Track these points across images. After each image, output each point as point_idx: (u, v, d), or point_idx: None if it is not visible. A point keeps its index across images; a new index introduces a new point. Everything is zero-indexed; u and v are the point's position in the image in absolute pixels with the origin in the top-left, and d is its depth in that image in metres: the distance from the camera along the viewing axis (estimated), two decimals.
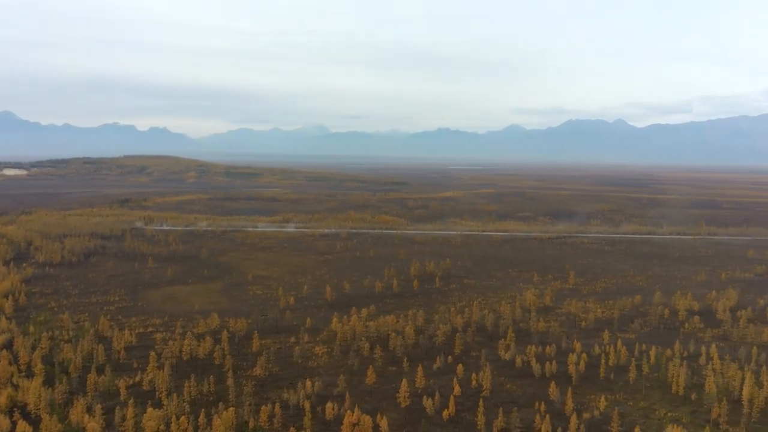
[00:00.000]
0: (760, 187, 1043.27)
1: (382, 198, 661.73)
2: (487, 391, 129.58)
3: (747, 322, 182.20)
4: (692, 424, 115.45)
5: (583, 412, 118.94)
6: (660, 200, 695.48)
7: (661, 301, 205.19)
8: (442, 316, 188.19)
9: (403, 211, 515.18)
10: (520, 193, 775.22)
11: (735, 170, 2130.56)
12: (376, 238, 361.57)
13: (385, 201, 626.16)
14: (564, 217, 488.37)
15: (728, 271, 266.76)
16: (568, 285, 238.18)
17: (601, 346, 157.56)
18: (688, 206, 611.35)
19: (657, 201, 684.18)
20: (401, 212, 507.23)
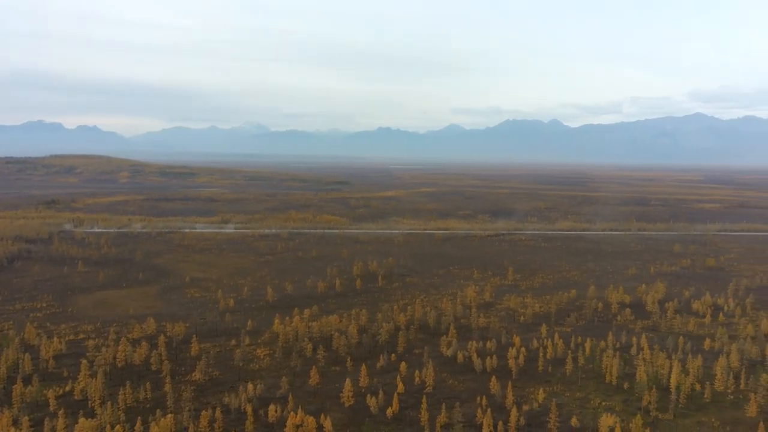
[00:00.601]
0: (685, 184, 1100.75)
1: (323, 197, 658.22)
2: (430, 387, 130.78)
3: (674, 313, 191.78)
4: (624, 412, 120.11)
5: (522, 405, 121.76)
6: (593, 198, 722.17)
7: (595, 295, 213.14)
8: (385, 314, 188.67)
9: (345, 211, 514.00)
10: (461, 192, 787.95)
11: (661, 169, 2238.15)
12: (318, 238, 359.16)
13: (327, 200, 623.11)
14: (503, 214, 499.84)
15: (656, 265, 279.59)
16: (507, 281, 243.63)
17: (539, 340, 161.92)
18: (620, 203, 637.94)
19: (590, 198, 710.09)
20: (343, 211, 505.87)
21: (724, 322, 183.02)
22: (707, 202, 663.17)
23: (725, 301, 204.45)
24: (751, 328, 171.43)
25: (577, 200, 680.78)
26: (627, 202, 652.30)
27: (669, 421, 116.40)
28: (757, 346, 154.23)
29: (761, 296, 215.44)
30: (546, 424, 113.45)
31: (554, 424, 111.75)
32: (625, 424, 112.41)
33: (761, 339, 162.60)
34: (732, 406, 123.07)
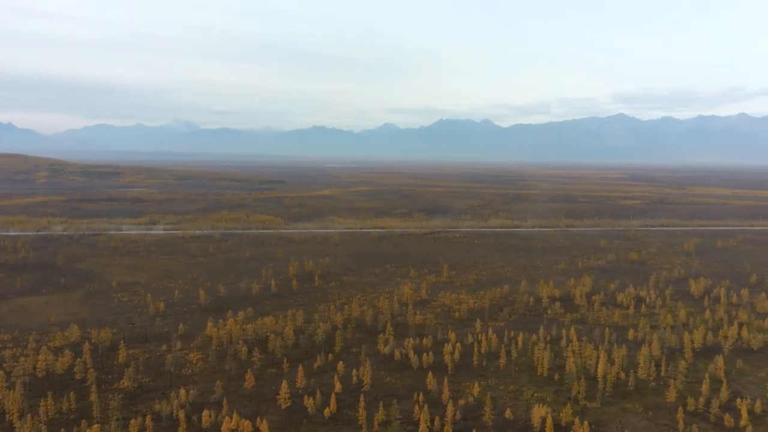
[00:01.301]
0: (609, 182, 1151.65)
1: (257, 197, 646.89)
2: (368, 385, 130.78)
3: (600, 305, 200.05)
4: (555, 402, 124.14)
5: (458, 399, 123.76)
6: (524, 195, 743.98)
7: (527, 290, 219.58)
8: (322, 314, 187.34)
9: (280, 210, 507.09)
10: (396, 191, 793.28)
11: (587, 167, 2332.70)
12: (252, 239, 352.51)
13: (261, 200, 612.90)
14: (438, 213, 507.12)
15: (584, 260, 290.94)
16: (442, 278, 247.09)
17: (473, 335, 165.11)
18: (549, 201, 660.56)
19: (521, 196, 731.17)
20: (278, 211, 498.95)
21: (646, 312, 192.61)
22: (630, 199, 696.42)
23: (647, 293, 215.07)
24: (671, 317, 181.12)
25: (509, 198, 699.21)
26: (556, 200, 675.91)
27: (596, 408, 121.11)
28: (675, 334, 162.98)
29: (679, 287, 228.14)
30: (481, 417, 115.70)
31: (489, 417, 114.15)
32: (556, 414, 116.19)
33: (679, 328, 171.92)
34: (654, 393, 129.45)
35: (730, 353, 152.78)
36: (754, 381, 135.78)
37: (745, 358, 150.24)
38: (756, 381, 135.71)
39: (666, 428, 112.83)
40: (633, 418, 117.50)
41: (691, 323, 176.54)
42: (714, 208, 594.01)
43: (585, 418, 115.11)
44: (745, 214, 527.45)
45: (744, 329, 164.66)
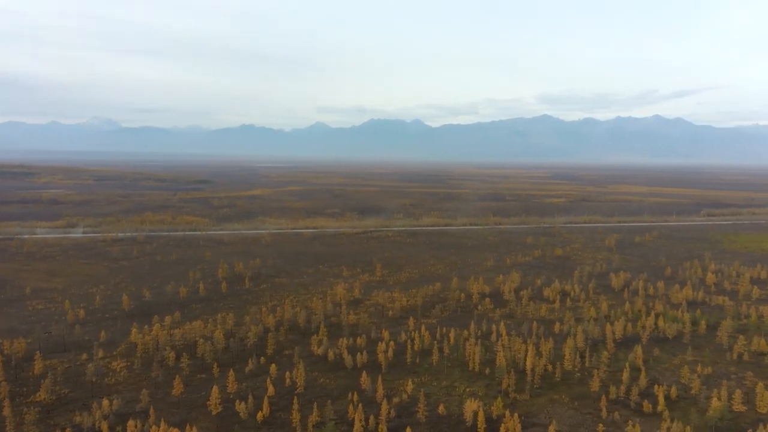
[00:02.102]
0: (535, 180, 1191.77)
1: (183, 197, 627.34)
2: (302, 387, 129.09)
3: (528, 300, 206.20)
4: (487, 396, 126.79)
5: (393, 397, 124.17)
6: (454, 194, 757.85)
7: (458, 287, 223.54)
8: (254, 317, 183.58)
9: (207, 211, 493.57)
10: (328, 190, 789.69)
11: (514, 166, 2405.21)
12: (179, 241, 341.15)
13: (188, 200, 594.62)
14: (370, 212, 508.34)
15: (512, 257, 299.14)
16: (375, 277, 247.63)
17: (407, 333, 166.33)
18: (478, 199, 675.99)
19: (452, 195, 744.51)
20: (206, 212, 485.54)
21: (571, 306, 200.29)
22: (554, 197, 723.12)
23: (571, 287, 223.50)
24: (594, 310, 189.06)
25: (440, 197, 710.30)
26: (485, 198, 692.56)
27: (526, 400, 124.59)
28: (598, 326, 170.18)
29: (601, 281, 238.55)
30: (415, 414, 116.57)
31: (423, 413, 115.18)
32: (487, 408, 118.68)
33: (602, 320, 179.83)
34: (579, 383, 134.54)
35: (648, 342, 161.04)
36: (669, 368, 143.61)
37: (661, 346, 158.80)
38: (671, 368, 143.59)
39: (590, 416, 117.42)
40: (560, 408, 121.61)
41: (613, 315, 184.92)
42: (632, 205, 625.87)
43: (515, 410, 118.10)
44: (660, 210, 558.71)
45: (660, 319, 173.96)
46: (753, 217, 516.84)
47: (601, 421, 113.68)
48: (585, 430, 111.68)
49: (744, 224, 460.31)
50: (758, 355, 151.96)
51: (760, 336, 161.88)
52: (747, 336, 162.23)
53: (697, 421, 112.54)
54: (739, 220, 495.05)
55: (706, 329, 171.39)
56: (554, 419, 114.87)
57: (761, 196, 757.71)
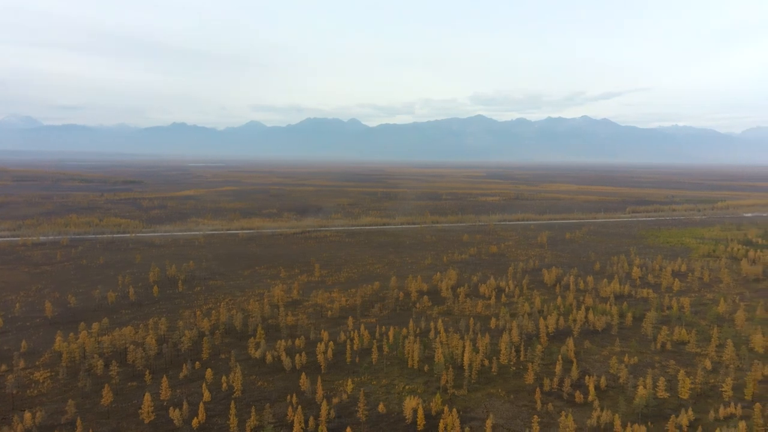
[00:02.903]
0: (470, 180, 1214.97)
1: (111, 198, 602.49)
2: (239, 391, 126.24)
3: (465, 297, 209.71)
4: (426, 392, 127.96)
5: (332, 398, 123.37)
6: (392, 194, 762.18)
7: (397, 285, 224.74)
8: (187, 321, 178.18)
9: (137, 212, 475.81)
10: (265, 190, 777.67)
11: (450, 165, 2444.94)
12: (107, 244, 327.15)
13: (116, 202, 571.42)
14: (308, 212, 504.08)
15: (449, 254, 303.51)
16: (314, 278, 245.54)
17: (346, 333, 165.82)
18: (416, 198, 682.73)
19: (390, 194, 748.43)
20: (135, 213, 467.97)
21: (506, 302, 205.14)
22: (489, 196, 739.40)
23: (506, 283, 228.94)
24: (527, 305, 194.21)
25: (378, 196, 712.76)
26: (422, 197, 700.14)
27: (464, 395, 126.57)
28: (532, 321, 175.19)
29: (534, 277, 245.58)
30: (355, 413, 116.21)
31: (363, 412, 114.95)
32: (426, 404, 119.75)
33: (535, 315, 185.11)
34: (514, 376, 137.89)
35: (579, 335, 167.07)
36: (599, 359, 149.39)
37: (591, 338, 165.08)
38: (600, 359, 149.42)
39: (526, 408, 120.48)
40: (497, 401, 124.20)
41: (546, 310, 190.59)
42: (563, 203, 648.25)
43: (454, 405, 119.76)
44: (589, 208, 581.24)
45: (590, 313, 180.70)
46: (673, 213, 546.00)
47: (536, 413, 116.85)
48: (520, 422, 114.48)
49: (666, 220, 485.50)
50: (679, 344, 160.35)
51: (681, 326, 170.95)
52: (669, 326, 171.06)
53: (624, 408, 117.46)
54: (660, 216, 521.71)
55: (632, 321, 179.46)
56: (491, 413, 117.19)
57: (681, 194, 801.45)
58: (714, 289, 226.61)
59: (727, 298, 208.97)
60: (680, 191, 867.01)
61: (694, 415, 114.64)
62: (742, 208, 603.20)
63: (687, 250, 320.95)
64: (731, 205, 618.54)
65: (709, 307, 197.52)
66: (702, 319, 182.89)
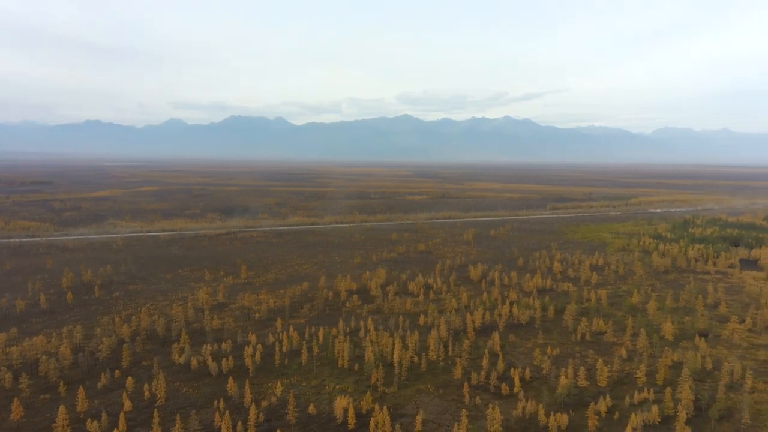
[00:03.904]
0: (398, 178, 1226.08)
1: (18, 200, 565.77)
2: (162, 399, 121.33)
3: (394, 295, 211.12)
4: (356, 391, 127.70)
5: (261, 401, 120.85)
6: (320, 193, 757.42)
7: (326, 285, 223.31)
8: (106, 328, 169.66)
9: (48, 215, 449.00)
10: (187, 190, 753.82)
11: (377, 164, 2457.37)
12: (14, 248, 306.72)
13: (24, 204, 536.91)
14: (234, 212, 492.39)
15: (378, 253, 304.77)
16: (240, 279, 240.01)
17: (275, 335, 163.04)
18: (344, 198, 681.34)
19: (318, 194, 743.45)
20: (46, 216, 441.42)
21: (434, 298, 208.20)
22: (416, 194, 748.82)
23: (434, 281, 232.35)
24: (455, 302, 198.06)
25: (306, 196, 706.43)
26: (350, 197, 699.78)
27: (394, 393, 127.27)
28: (459, 316, 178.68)
29: (461, 274, 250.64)
30: (285, 416, 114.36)
31: (293, 414, 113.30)
32: (357, 403, 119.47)
33: (462, 310, 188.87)
34: (443, 372, 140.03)
35: (504, 329, 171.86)
36: (523, 351, 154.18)
37: (516, 332, 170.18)
38: (524, 351, 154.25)
39: (455, 402, 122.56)
40: (426, 397, 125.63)
41: (472, 305, 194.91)
42: (487, 200, 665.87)
43: (384, 403, 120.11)
44: (512, 205, 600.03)
45: (514, 307, 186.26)
46: (590, 210, 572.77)
47: (464, 407, 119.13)
48: (449, 416, 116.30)
49: (584, 216, 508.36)
50: (598, 334, 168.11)
51: (599, 317, 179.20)
52: (588, 318, 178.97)
53: (548, 398, 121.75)
54: (579, 213, 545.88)
55: (554, 314, 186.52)
56: (421, 409, 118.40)
57: (597, 191, 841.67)
58: (628, 281, 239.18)
59: (640, 289, 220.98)
60: (597, 188, 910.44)
61: (611, 402, 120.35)
62: (652, 204, 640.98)
63: (603, 244, 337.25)
64: (643, 202, 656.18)
65: (623, 298, 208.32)
66: (618, 310, 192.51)
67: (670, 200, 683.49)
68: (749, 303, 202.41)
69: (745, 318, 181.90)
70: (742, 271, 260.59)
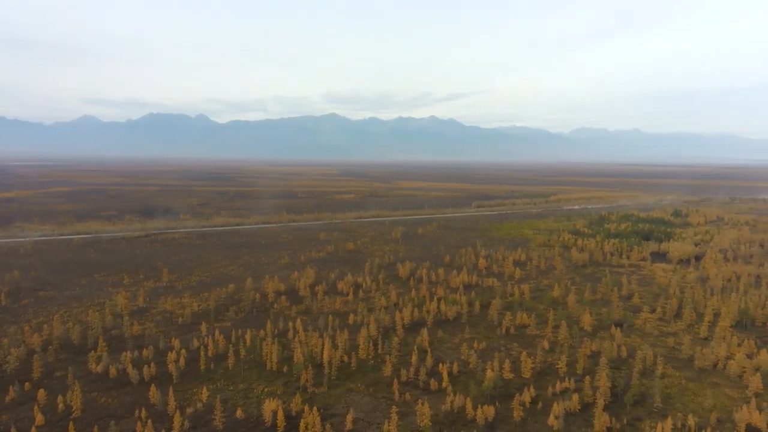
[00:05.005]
0: (326, 177, 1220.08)
1: None
2: (79, 411, 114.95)
3: (323, 295, 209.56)
4: (286, 393, 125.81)
5: (186, 408, 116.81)
6: (245, 192, 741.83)
7: (253, 287, 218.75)
8: (13, 338, 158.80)
9: None
10: (103, 191, 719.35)
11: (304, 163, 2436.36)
12: None
13: None
14: (154, 213, 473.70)
15: (306, 253, 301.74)
16: (161, 283, 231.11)
17: (199, 339, 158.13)
18: (270, 197, 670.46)
19: (243, 193, 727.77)
20: None
21: (363, 297, 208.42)
22: (345, 193, 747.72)
23: (363, 279, 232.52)
24: (384, 299, 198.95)
25: (230, 195, 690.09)
26: (277, 196, 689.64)
27: (324, 393, 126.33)
28: (389, 314, 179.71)
29: (389, 272, 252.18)
30: (211, 422, 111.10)
31: (220, 420, 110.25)
32: (286, 405, 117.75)
33: (392, 308, 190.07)
34: (373, 370, 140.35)
35: (432, 325, 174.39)
36: (450, 347, 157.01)
37: (444, 327, 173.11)
38: (452, 346, 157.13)
39: (385, 400, 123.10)
40: (356, 396, 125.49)
41: (401, 303, 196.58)
42: (415, 199, 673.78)
43: (314, 403, 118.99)
44: (439, 203, 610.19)
45: (442, 303, 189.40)
46: (513, 207, 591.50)
47: (394, 404, 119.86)
48: (380, 414, 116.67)
49: (507, 214, 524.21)
50: (521, 327, 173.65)
51: (522, 311, 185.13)
52: (512, 312, 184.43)
53: (475, 392, 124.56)
54: (502, 210, 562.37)
55: (479, 309, 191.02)
56: (351, 407, 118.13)
57: (519, 189, 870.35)
58: (549, 276, 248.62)
59: (561, 283, 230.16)
60: (519, 187, 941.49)
61: (535, 392, 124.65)
62: (570, 201, 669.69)
63: (526, 240, 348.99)
64: (562, 199, 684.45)
65: (545, 292, 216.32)
66: (540, 304, 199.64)
67: (587, 197, 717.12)
68: (659, 293, 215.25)
69: (656, 308, 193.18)
70: (652, 264, 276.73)
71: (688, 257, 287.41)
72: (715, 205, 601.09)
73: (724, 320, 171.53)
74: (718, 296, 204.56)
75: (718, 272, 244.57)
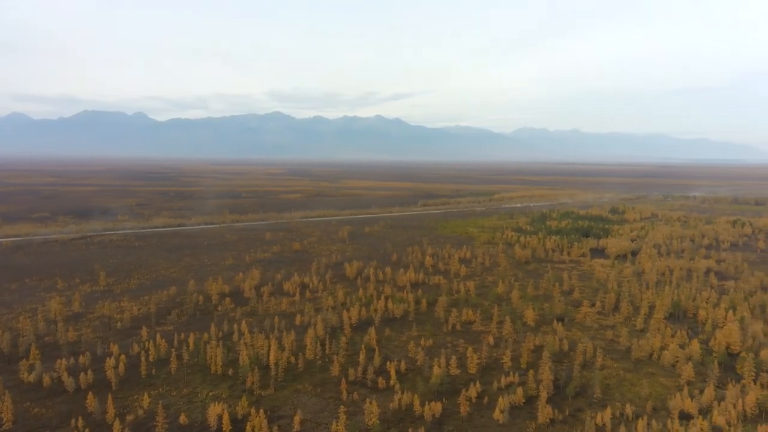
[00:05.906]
0: (271, 177, 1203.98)
1: None
2: (9, 422, 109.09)
3: (269, 296, 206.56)
4: (231, 397, 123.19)
5: (126, 415, 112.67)
6: (186, 192, 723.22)
7: (196, 289, 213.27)
8: None
9: None
10: (35, 191, 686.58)
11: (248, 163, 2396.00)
12: None
13: None
14: (90, 215, 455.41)
15: (251, 253, 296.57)
16: (99, 287, 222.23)
17: (139, 344, 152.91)
18: (213, 197, 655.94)
19: (184, 193, 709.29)
20: None
21: (311, 297, 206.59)
22: (290, 193, 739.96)
23: (310, 279, 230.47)
24: (331, 299, 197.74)
25: (171, 196, 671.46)
26: (220, 196, 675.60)
27: (271, 395, 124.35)
28: (336, 314, 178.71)
29: (337, 271, 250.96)
30: (153, 428, 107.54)
31: (162, 426, 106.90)
32: (232, 409, 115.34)
33: (339, 308, 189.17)
34: (321, 370, 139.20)
35: (380, 323, 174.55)
36: (398, 345, 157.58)
37: (391, 326, 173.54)
38: (400, 344, 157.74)
39: (333, 400, 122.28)
40: (304, 397, 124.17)
41: (348, 302, 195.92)
42: (362, 198, 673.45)
43: (261, 406, 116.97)
44: (385, 202, 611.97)
45: (389, 301, 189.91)
46: (458, 206, 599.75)
47: (342, 403, 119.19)
48: (328, 414, 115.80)
49: (452, 212, 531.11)
50: (467, 323, 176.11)
51: (468, 308, 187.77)
52: (458, 308, 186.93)
53: (422, 388, 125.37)
54: (448, 209, 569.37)
55: (426, 306, 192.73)
56: (299, 408, 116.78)
57: (464, 188, 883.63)
58: (494, 273, 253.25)
59: (504, 279, 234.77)
60: (463, 185, 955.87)
61: (481, 387, 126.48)
62: (513, 199, 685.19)
63: (471, 238, 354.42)
64: (505, 197, 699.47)
65: (490, 288, 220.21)
66: (485, 300, 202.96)
67: (530, 195, 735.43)
68: (598, 288, 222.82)
69: (595, 302, 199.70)
70: (592, 260, 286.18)
71: (625, 253, 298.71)
72: (650, 203, 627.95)
73: (658, 312, 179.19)
74: (652, 290, 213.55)
75: (653, 267, 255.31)
